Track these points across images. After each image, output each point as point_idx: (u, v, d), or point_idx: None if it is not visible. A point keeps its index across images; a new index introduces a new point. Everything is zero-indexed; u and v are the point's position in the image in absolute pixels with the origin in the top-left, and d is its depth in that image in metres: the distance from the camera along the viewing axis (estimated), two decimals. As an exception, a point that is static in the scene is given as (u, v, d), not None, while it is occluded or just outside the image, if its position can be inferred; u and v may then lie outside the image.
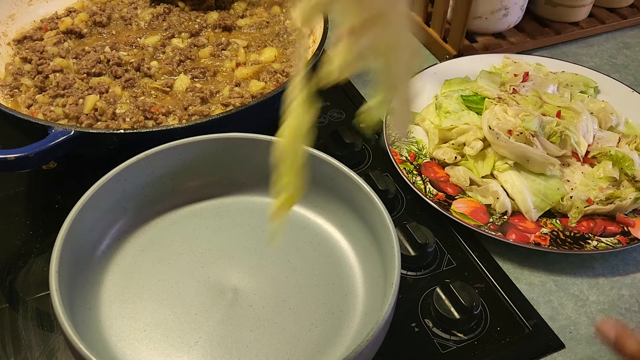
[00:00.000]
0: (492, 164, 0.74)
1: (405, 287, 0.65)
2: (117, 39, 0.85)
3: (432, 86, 0.89)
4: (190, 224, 0.65)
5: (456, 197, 0.73)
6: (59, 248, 0.52)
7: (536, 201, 0.71)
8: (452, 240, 0.70)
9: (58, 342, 0.59)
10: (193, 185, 0.66)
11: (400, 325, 0.61)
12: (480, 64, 0.92)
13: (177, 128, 0.64)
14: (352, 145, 0.78)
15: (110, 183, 0.59)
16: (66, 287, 0.52)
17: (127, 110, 0.73)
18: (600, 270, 0.69)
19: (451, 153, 0.77)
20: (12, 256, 0.67)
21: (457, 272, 0.67)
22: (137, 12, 0.90)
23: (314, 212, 0.66)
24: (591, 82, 0.90)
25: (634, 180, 0.73)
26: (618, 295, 0.67)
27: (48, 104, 0.73)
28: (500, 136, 0.73)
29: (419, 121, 0.84)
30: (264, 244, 0.63)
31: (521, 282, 0.67)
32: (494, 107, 0.78)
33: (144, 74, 0.79)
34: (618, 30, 1.11)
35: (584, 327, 0.63)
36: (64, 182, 0.74)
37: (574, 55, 1.04)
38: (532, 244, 0.68)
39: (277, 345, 0.55)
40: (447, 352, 0.59)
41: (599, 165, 0.76)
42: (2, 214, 0.71)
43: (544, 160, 0.72)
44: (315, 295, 0.59)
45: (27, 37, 0.85)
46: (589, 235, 0.69)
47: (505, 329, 0.62)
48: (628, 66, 1.03)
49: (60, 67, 0.78)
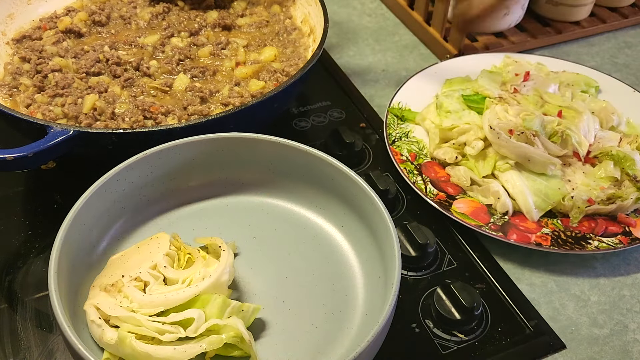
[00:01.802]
0: (493, 164, 0.74)
1: (405, 288, 0.65)
2: (117, 38, 0.85)
3: (432, 85, 0.89)
4: (190, 224, 0.65)
5: (457, 197, 0.73)
6: (58, 248, 0.51)
7: (537, 201, 0.71)
8: (452, 241, 0.70)
9: (57, 342, 0.58)
10: (193, 185, 0.66)
11: (400, 326, 0.60)
12: (481, 63, 0.92)
13: (176, 128, 0.63)
14: (352, 145, 0.78)
15: (110, 183, 0.58)
16: (65, 287, 0.52)
17: (126, 109, 0.73)
18: (601, 270, 0.69)
19: (452, 153, 0.76)
20: (11, 256, 0.66)
21: (457, 272, 0.67)
22: (137, 11, 0.90)
23: (314, 212, 0.66)
24: (592, 81, 0.89)
25: (635, 180, 0.73)
26: (619, 296, 0.67)
27: (47, 103, 0.73)
28: (501, 136, 0.73)
29: (419, 121, 0.83)
30: (264, 244, 0.63)
31: (522, 283, 0.67)
32: (494, 107, 0.78)
33: (143, 74, 0.79)
34: (619, 30, 1.11)
35: (585, 327, 0.63)
36: (63, 182, 0.74)
37: (575, 55, 1.04)
38: (533, 244, 0.67)
39: (277, 346, 0.55)
40: (448, 352, 0.59)
41: (600, 165, 0.75)
42: (1, 214, 0.71)
43: (545, 160, 0.72)
44: (315, 296, 0.59)
45: (26, 36, 0.85)
46: (590, 236, 0.69)
47: (506, 329, 0.62)
48: (629, 66, 1.03)
49: (59, 66, 0.78)
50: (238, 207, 0.67)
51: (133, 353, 0.49)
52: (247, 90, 0.77)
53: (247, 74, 0.80)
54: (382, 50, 1.04)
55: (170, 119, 0.72)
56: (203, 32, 0.87)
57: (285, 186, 0.66)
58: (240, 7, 0.93)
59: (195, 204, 0.66)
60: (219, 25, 0.88)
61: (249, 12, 0.92)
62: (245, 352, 0.52)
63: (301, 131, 0.85)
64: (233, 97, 0.75)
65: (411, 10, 1.08)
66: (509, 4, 0.95)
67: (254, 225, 0.65)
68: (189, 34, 0.86)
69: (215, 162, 0.65)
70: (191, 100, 0.75)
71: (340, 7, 1.14)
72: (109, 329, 0.51)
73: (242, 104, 0.67)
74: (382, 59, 1.01)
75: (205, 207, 0.66)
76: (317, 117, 0.87)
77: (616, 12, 1.12)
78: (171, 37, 0.85)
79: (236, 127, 0.64)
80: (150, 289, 0.54)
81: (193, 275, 0.55)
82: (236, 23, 0.90)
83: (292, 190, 0.66)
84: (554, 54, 1.02)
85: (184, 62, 0.81)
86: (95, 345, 0.52)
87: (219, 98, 0.76)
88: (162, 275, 0.55)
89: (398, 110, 0.84)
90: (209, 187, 0.66)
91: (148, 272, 0.55)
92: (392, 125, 0.81)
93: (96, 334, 0.51)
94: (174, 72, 0.80)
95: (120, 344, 0.49)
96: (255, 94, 0.76)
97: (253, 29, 0.89)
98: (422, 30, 1.05)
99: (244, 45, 0.85)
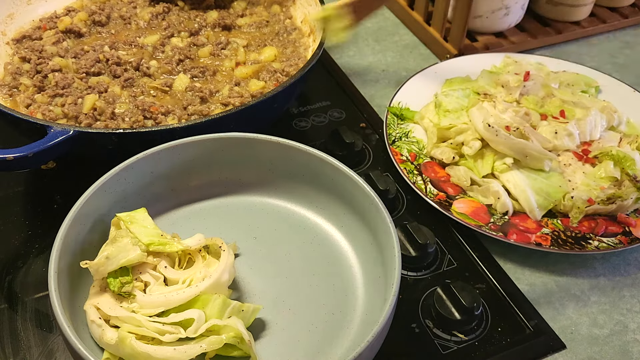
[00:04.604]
0: (492, 163, 0.74)
1: (405, 288, 0.65)
2: (117, 38, 0.85)
3: (433, 85, 0.89)
4: (190, 224, 0.65)
5: (457, 197, 0.73)
6: (58, 248, 0.52)
7: (539, 200, 0.71)
8: (452, 241, 0.70)
9: (57, 342, 0.58)
10: (193, 185, 0.66)
11: (400, 326, 0.60)
12: (481, 63, 0.92)
13: (176, 128, 0.63)
14: (352, 145, 0.78)
15: (110, 183, 0.58)
16: (65, 287, 0.52)
17: (126, 109, 0.73)
18: (601, 270, 0.69)
19: (449, 153, 0.76)
20: (11, 256, 0.66)
21: (457, 272, 0.67)
22: (137, 11, 0.90)
23: (314, 212, 0.66)
24: (592, 81, 0.89)
25: (635, 180, 0.73)
26: (619, 296, 0.66)
27: (47, 103, 0.73)
28: (499, 133, 0.73)
29: (418, 119, 0.83)
30: (264, 244, 0.63)
31: (522, 283, 0.67)
32: (482, 104, 0.78)
33: (143, 74, 0.79)
34: (619, 30, 1.11)
35: (585, 327, 0.63)
36: (63, 182, 0.74)
37: (575, 55, 1.04)
38: (533, 244, 0.67)
39: (277, 346, 0.55)
40: (448, 352, 0.59)
41: (600, 165, 0.75)
42: (1, 214, 0.71)
43: (542, 155, 0.72)
44: (315, 296, 0.59)
45: (26, 36, 0.85)
46: (590, 236, 0.69)
47: (506, 329, 0.62)
48: (629, 66, 1.03)
49: (59, 66, 0.78)
50: (238, 207, 0.67)
51: (133, 353, 0.49)
52: (247, 90, 0.77)
53: (247, 74, 0.80)
54: (382, 50, 1.04)
55: (170, 119, 0.72)
56: (203, 32, 0.87)
57: (285, 186, 0.66)
58: (240, 7, 0.93)
59: (195, 204, 0.66)
60: (219, 25, 0.88)
61: (249, 12, 0.92)
62: (245, 352, 0.52)
63: (301, 131, 0.84)
64: (233, 97, 0.75)
65: (411, 10, 1.08)
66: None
67: (254, 225, 0.65)
68: (189, 34, 0.86)
69: (215, 162, 0.65)
70: (191, 100, 0.75)
71: (340, 7, 1.14)
72: (109, 329, 0.51)
73: (242, 104, 0.67)
74: (382, 59, 1.01)
75: (205, 207, 0.66)
76: (317, 117, 0.87)
77: (616, 12, 1.12)
78: (171, 37, 0.85)
79: (236, 127, 0.64)
80: (151, 290, 0.54)
81: (193, 276, 0.55)
82: (236, 23, 0.90)
83: (292, 190, 0.66)
84: (554, 54, 1.02)
85: (184, 62, 0.81)
86: (95, 345, 0.52)
87: (219, 98, 0.76)
88: (163, 276, 0.55)
89: (398, 110, 0.84)
90: (209, 187, 0.66)
91: (148, 273, 0.55)
92: (392, 125, 0.81)
93: (96, 334, 0.51)
94: (174, 72, 0.80)
95: (121, 344, 0.49)
96: (255, 94, 0.76)
97: (253, 29, 0.89)
98: (422, 30, 1.05)
99: (244, 45, 0.85)
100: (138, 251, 0.54)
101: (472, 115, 0.77)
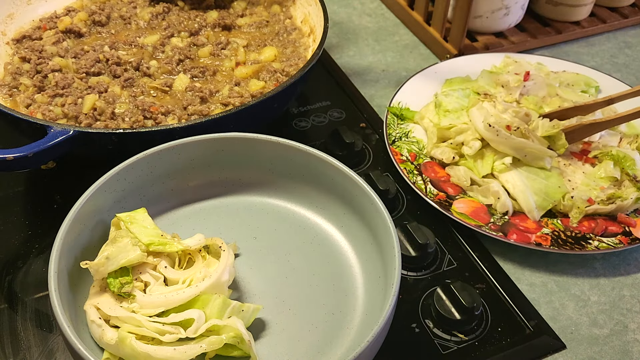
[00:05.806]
0: (492, 163, 0.74)
1: (405, 288, 0.65)
2: (116, 38, 0.85)
3: (433, 85, 0.89)
4: (190, 224, 0.65)
5: (457, 197, 0.73)
6: (58, 248, 0.52)
7: (538, 200, 0.71)
8: (452, 241, 0.70)
9: (57, 342, 0.58)
10: (193, 185, 0.66)
11: (400, 326, 0.60)
12: (481, 63, 0.92)
13: (176, 128, 0.63)
14: (352, 145, 0.78)
15: (110, 183, 0.58)
16: (65, 287, 0.52)
17: (126, 109, 0.73)
18: (601, 270, 0.69)
19: (449, 153, 0.76)
20: (11, 256, 0.66)
21: (457, 272, 0.67)
22: (137, 11, 0.90)
23: (314, 212, 0.66)
24: (592, 81, 0.89)
25: (635, 180, 0.73)
26: (619, 296, 0.67)
27: (47, 103, 0.73)
28: (500, 132, 0.73)
29: (418, 119, 0.83)
30: (264, 244, 0.63)
31: (522, 283, 0.67)
32: (482, 104, 0.78)
33: (143, 74, 0.79)
34: (619, 30, 1.11)
35: (585, 327, 0.63)
36: (62, 182, 0.74)
37: (575, 55, 1.04)
38: (533, 244, 0.67)
39: (277, 346, 0.55)
40: (448, 352, 0.59)
41: (600, 165, 0.75)
42: (1, 214, 0.71)
43: (542, 153, 0.72)
44: (315, 296, 0.59)
45: (26, 36, 0.85)
46: (590, 236, 0.69)
47: (506, 329, 0.62)
48: (629, 66, 1.03)
49: (59, 66, 0.78)
50: (238, 207, 0.67)
51: (133, 353, 0.49)
52: (247, 90, 0.77)
53: (247, 74, 0.80)
54: (382, 50, 1.04)
55: (170, 119, 0.72)
56: (203, 32, 0.87)
57: (285, 186, 0.66)
58: (240, 7, 0.93)
59: (195, 204, 0.66)
60: (219, 25, 0.88)
61: (249, 12, 0.92)
62: (245, 352, 0.52)
63: (301, 131, 0.84)
64: (233, 97, 0.75)
65: (411, 10, 1.08)
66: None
67: (254, 225, 0.65)
68: (189, 34, 0.86)
69: (215, 162, 0.65)
70: (191, 100, 0.75)
71: (340, 7, 1.14)
72: (109, 329, 0.51)
73: (242, 104, 0.67)
74: (382, 59, 1.01)
75: (205, 207, 0.66)
76: (317, 117, 0.87)
77: (616, 12, 1.12)
78: (171, 37, 0.85)
79: (236, 127, 0.64)
80: (151, 290, 0.54)
81: (193, 276, 0.55)
82: (236, 23, 0.90)
83: (292, 190, 0.66)
84: (554, 54, 1.02)
85: (184, 62, 0.81)
86: (95, 345, 0.52)
87: (219, 98, 0.76)
88: (163, 276, 0.55)
89: (398, 110, 0.84)
90: (209, 187, 0.66)
91: (148, 273, 0.55)
92: (392, 125, 0.81)
93: (96, 334, 0.51)
94: (174, 72, 0.80)
95: (121, 344, 0.49)
96: (255, 94, 0.76)
97: (253, 29, 0.89)
98: (422, 30, 1.05)
99: (244, 45, 0.85)
100: (138, 251, 0.54)
101: (472, 115, 0.77)
